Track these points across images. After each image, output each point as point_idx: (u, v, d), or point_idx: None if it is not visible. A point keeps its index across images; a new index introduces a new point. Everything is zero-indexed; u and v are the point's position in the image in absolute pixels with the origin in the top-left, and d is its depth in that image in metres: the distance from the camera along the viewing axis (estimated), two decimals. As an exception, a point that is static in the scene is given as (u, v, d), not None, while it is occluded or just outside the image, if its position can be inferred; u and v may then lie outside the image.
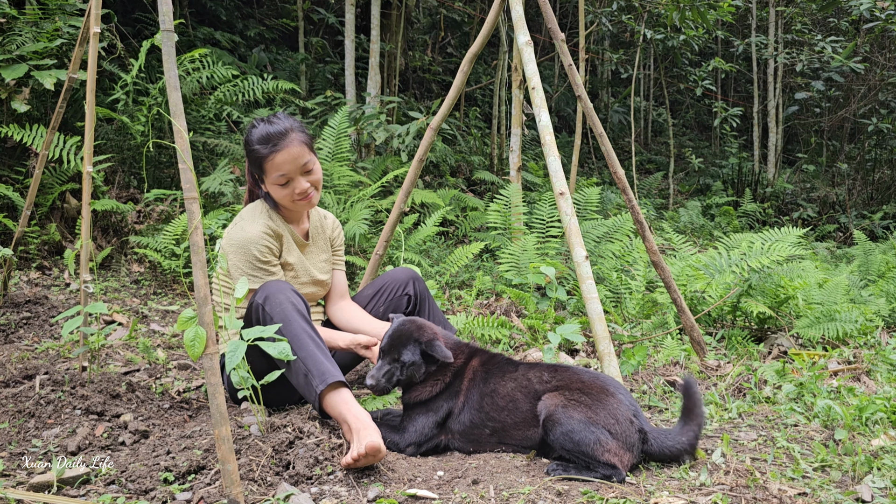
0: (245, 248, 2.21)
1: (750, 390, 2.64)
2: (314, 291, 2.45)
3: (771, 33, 9.49)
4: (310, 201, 2.29)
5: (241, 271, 2.22)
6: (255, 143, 2.21)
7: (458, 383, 2.08)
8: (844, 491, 1.77)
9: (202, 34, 7.22)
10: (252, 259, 2.22)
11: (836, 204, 9.43)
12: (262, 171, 2.23)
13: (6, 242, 3.94)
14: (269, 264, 2.25)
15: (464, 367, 2.10)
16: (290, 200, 2.26)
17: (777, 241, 3.96)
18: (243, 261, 2.21)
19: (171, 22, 1.59)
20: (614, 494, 1.70)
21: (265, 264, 2.24)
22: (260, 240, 2.23)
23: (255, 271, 2.22)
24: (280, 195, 2.26)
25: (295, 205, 2.28)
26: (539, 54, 10.46)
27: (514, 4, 2.91)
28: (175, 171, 4.80)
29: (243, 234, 2.23)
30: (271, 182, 2.24)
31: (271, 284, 2.11)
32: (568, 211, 2.62)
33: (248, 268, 2.22)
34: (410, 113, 6.50)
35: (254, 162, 2.24)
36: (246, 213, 2.32)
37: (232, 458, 1.51)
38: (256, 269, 2.22)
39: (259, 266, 2.23)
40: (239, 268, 2.22)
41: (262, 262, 2.23)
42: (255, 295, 2.11)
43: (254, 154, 2.22)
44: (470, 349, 2.16)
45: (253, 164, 2.26)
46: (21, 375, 2.39)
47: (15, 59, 4.00)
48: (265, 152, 2.19)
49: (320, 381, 1.94)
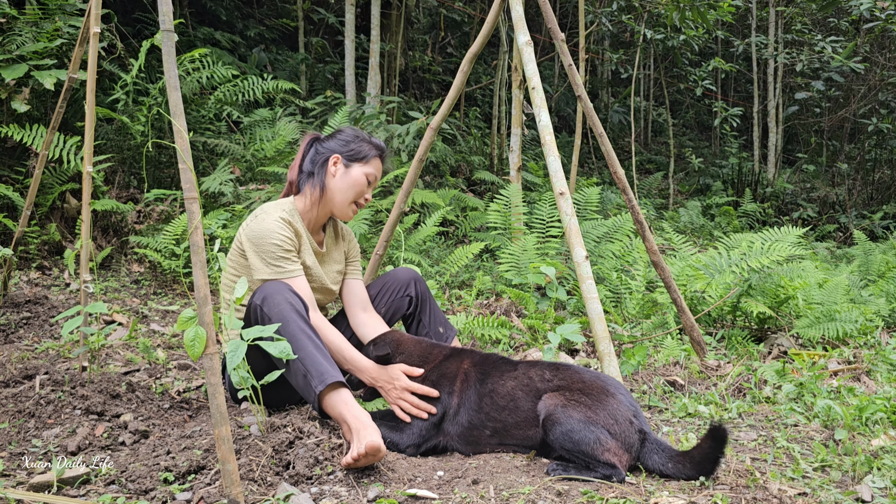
0: (265, 237, 2.19)
1: (750, 390, 2.64)
2: (321, 299, 2.43)
3: (771, 33, 9.49)
4: (355, 212, 2.44)
5: (265, 262, 2.19)
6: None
7: (449, 384, 2.08)
8: (844, 491, 1.77)
9: (202, 34, 7.22)
10: (274, 248, 2.19)
11: (836, 204, 9.43)
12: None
13: (6, 242, 3.94)
14: (290, 253, 2.22)
15: (453, 368, 2.11)
16: (353, 199, 2.38)
17: (777, 241, 3.96)
18: (265, 251, 2.19)
19: (171, 22, 1.59)
20: (614, 494, 1.70)
21: (288, 253, 2.21)
22: (280, 230, 2.21)
23: (279, 262, 2.19)
24: (355, 189, 2.37)
25: (349, 207, 2.39)
26: (539, 54, 10.46)
27: (514, 4, 2.91)
28: (175, 171, 4.80)
29: (263, 225, 2.21)
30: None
31: (270, 285, 2.10)
32: (568, 211, 2.62)
33: (271, 258, 2.18)
34: (410, 113, 6.50)
35: (360, 151, 2.38)
36: (268, 207, 2.31)
37: (232, 458, 1.51)
38: (279, 259, 2.19)
39: (281, 256, 2.20)
40: (262, 259, 2.19)
41: (285, 252, 2.20)
42: (254, 296, 2.09)
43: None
44: (453, 350, 2.19)
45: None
46: (21, 375, 2.39)
47: (15, 59, 4.00)
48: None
49: (319, 382, 1.94)
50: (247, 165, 5.03)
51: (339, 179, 2.35)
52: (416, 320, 2.58)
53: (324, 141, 2.42)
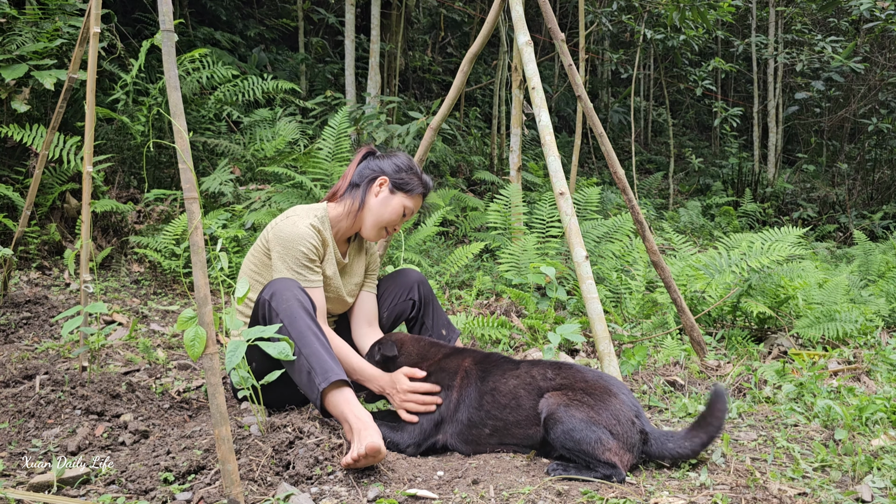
0: (294, 242, 2.18)
1: (750, 390, 2.64)
2: (333, 308, 2.43)
3: (771, 33, 9.49)
4: (383, 237, 2.43)
5: (288, 266, 2.18)
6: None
7: (448, 380, 2.09)
8: (844, 491, 1.77)
9: (202, 34, 7.22)
10: (300, 255, 2.18)
11: (836, 204, 9.43)
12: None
13: (6, 242, 3.94)
14: (314, 263, 2.22)
15: (453, 365, 2.12)
16: (384, 225, 2.37)
17: (777, 241, 3.96)
18: (290, 256, 2.18)
19: (171, 22, 1.59)
20: (614, 494, 1.70)
21: (312, 262, 2.21)
22: (309, 237, 2.20)
23: (301, 269, 2.18)
24: (391, 216, 2.36)
25: (377, 231, 2.38)
26: (539, 54, 10.47)
27: (514, 4, 2.91)
28: (175, 171, 4.80)
29: (293, 230, 2.20)
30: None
31: (280, 281, 2.09)
32: (568, 211, 2.62)
33: (294, 264, 2.18)
34: (410, 113, 6.50)
35: (408, 184, 2.37)
36: (300, 210, 2.30)
37: (232, 458, 1.51)
38: (302, 267, 2.19)
39: (305, 264, 2.19)
40: (285, 262, 2.18)
41: (309, 260, 2.20)
42: (263, 291, 2.09)
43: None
44: (454, 349, 2.21)
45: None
46: (21, 375, 2.39)
47: (15, 59, 4.00)
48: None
49: (323, 379, 1.93)
50: (247, 165, 5.03)
51: (379, 201, 2.34)
52: (419, 323, 2.57)
53: (378, 159, 2.41)
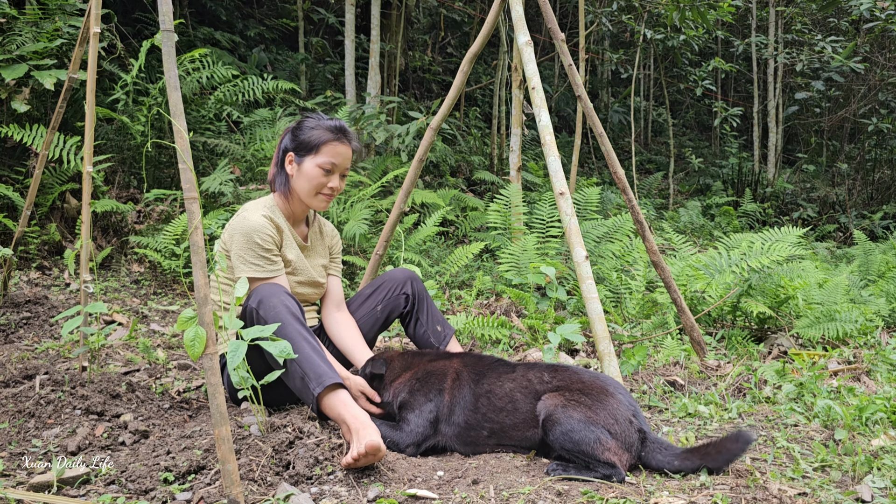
0: (248, 235, 2.22)
1: (750, 390, 2.64)
2: (311, 293, 2.45)
3: (771, 33, 9.48)
4: (328, 201, 2.38)
5: (244, 260, 2.21)
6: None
7: (437, 383, 2.09)
8: (844, 491, 1.77)
9: (202, 34, 7.22)
10: (254, 247, 2.21)
11: (836, 204, 9.43)
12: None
13: (6, 242, 3.94)
14: (271, 252, 2.24)
15: (442, 367, 2.14)
16: (315, 191, 2.33)
17: (777, 241, 3.96)
18: (246, 249, 2.21)
19: (171, 22, 1.59)
20: (614, 494, 1.70)
21: (268, 252, 2.23)
22: (262, 227, 2.23)
23: (258, 259, 2.21)
24: (312, 182, 2.31)
25: (315, 198, 2.34)
26: (539, 54, 10.47)
27: (514, 4, 2.91)
28: (175, 171, 4.80)
29: (245, 223, 2.24)
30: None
31: (264, 288, 2.11)
32: (568, 211, 2.62)
33: (251, 256, 2.21)
34: (410, 113, 6.50)
35: (310, 142, 2.31)
36: (249, 205, 2.35)
37: (232, 458, 1.51)
38: (259, 258, 2.22)
39: (261, 255, 2.22)
40: (242, 256, 2.21)
41: (264, 251, 2.22)
42: (249, 299, 2.10)
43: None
44: (443, 353, 2.24)
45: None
46: (21, 375, 2.39)
47: (15, 59, 4.00)
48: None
49: (317, 384, 1.94)
50: (247, 165, 5.03)
51: (297, 176, 2.34)
52: (413, 318, 2.58)
53: (285, 135, 2.40)
